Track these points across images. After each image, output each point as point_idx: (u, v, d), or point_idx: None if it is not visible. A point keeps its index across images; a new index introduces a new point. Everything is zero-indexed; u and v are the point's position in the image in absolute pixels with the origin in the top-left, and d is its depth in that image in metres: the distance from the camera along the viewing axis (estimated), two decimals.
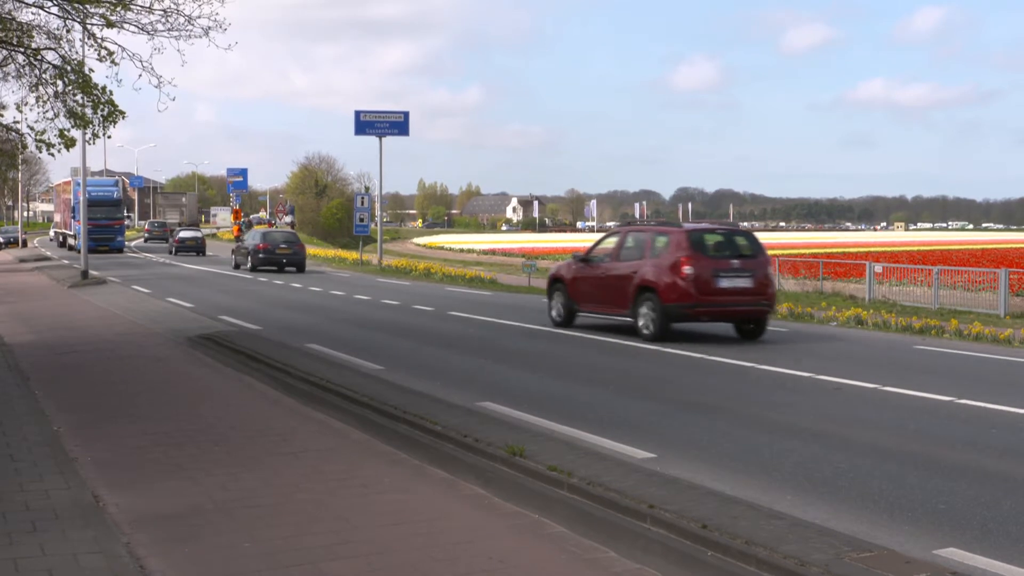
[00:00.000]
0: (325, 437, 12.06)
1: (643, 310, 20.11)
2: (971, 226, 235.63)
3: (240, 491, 9.62)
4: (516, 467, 9.79)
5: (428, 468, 10.55)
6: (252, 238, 51.38)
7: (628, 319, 20.66)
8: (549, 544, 8.18)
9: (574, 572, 7.57)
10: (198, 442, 11.68)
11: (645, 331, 20.03)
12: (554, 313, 23.00)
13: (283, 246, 49.25)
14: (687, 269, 19.38)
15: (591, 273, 22.07)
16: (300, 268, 48.96)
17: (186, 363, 18.10)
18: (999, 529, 7.96)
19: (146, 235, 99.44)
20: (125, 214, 77.23)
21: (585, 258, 22.59)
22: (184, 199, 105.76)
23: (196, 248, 69.88)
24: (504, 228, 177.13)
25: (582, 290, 22.23)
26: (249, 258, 49.09)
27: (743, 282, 19.97)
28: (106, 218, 69.06)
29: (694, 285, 19.39)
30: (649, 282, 20.01)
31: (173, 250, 70.80)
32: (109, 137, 20.37)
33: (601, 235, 25.39)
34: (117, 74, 20.01)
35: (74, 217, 62.38)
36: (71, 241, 70.01)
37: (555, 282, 23.17)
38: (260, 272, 47.33)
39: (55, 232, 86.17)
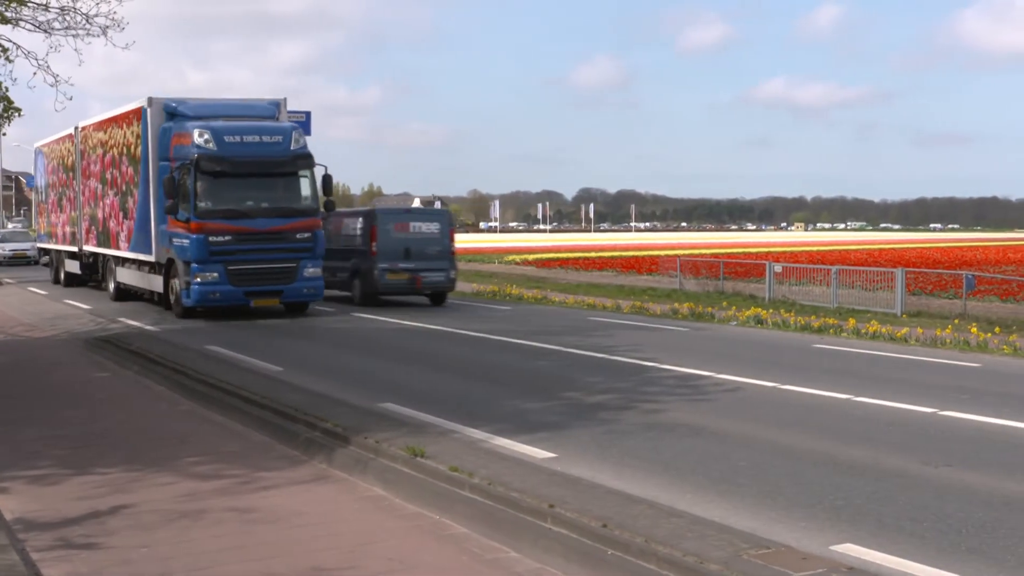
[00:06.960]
0: (225, 440, 11.93)
1: None
2: (870, 227, 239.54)
3: (138, 495, 9.48)
4: (417, 468, 9.76)
5: (328, 470, 10.48)
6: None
7: None
8: (450, 544, 8.16)
9: (475, 572, 7.55)
10: (95, 446, 11.51)
11: None
12: None
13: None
14: None
15: None
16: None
17: (84, 366, 17.79)
18: (894, 524, 8.09)
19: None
20: (319, 201, 27.48)
21: None
22: None
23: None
24: None
25: None
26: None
27: None
28: (275, 212, 24.82)
29: None
30: None
31: None
32: (4, 135, 20.01)
33: None
34: (12, 72, 19.65)
35: (158, 207, 24.97)
36: (136, 280, 27.84)
37: None
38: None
39: (37, 248, 46.48)
